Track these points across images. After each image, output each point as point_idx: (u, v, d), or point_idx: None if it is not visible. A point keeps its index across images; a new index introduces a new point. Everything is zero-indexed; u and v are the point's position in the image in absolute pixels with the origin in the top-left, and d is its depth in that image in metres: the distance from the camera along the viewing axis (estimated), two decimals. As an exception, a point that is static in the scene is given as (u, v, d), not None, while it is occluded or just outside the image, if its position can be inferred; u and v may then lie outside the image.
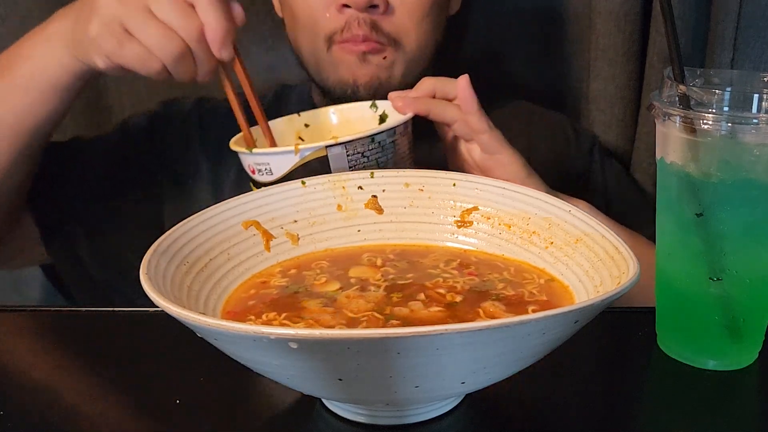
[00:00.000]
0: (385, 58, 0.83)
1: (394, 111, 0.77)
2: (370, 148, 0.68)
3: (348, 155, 0.67)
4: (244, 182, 0.75)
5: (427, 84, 0.75)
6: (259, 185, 0.70)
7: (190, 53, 0.67)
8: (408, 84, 0.83)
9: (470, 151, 0.76)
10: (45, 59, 0.72)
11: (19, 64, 0.74)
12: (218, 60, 0.69)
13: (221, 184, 0.88)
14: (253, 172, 0.70)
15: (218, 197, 0.83)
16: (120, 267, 0.85)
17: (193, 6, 0.66)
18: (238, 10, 0.68)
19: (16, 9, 0.95)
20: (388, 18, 0.81)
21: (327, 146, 0.66)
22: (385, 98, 0.79)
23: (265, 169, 0.68)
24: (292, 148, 0.66)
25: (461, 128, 0.74)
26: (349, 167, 0.67)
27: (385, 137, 0.69)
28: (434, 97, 0.75)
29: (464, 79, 0.73)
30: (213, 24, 0.66)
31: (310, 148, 0.66)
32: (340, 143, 0.66)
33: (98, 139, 0.90)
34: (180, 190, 0.88)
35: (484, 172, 0.75)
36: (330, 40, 0.82)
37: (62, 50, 0.71)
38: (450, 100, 0.75)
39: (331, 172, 0.65)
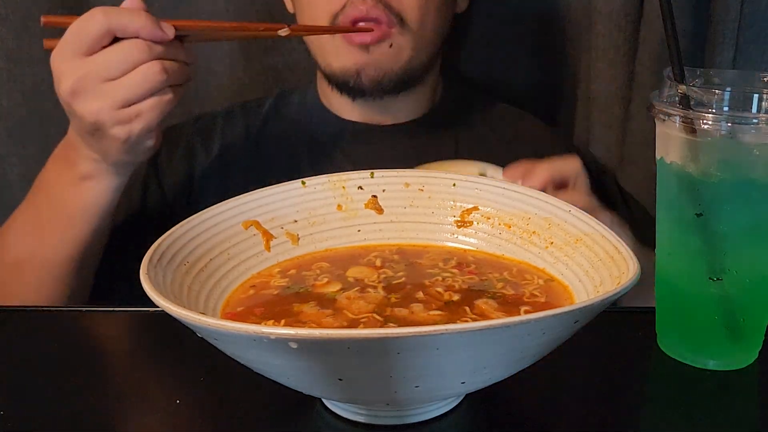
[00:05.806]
0: (391, 46, 0.83)
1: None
2: None
3: None
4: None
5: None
6: None
7: (167, 60, 0.68)
8: (412, 74, 0.83)
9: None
10: (91, 194, 0.74)
11: (53, 209, 0.75)
12: (173, 38, 0.68)
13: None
14: None
15: None
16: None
17: (115, 37, 0.66)
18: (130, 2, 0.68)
19: (17, 9, 0.96)
20: None
21: None
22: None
23: None
24: None
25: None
26: None
27: None
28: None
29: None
30: (138, 26, 0.66)
31: None
32: None
33: None
34: (188, 204, 0.88)
35: None
36: (334, 20, 0.82)
37: (107, 176, 0.73)
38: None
39: None
